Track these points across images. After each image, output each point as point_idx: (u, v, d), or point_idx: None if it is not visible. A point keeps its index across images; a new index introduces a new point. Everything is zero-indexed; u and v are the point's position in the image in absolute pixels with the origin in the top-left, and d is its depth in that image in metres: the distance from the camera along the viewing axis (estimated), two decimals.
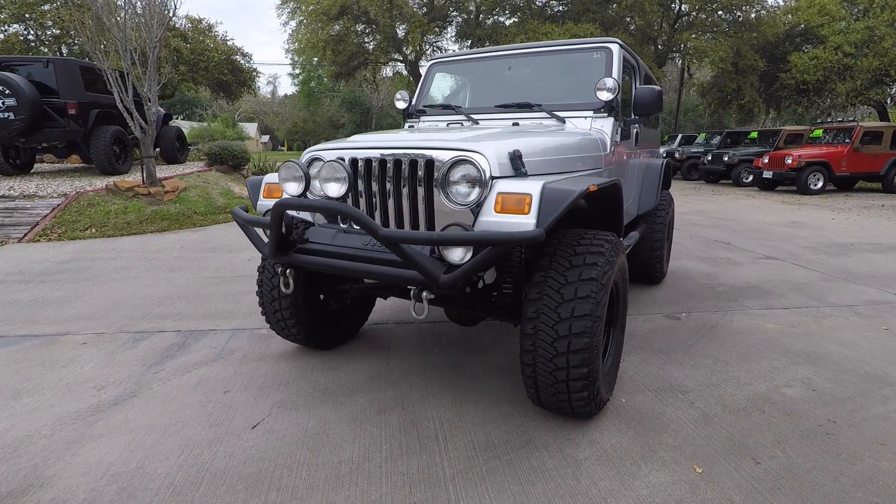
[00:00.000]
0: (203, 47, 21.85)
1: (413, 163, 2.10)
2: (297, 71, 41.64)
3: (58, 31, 18.59)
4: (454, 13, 21.52)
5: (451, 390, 2.57)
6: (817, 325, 3.46)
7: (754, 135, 15.74)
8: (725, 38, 19.62)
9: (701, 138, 18.41)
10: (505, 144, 2.06)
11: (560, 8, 20.76)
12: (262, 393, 2.57)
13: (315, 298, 2.87)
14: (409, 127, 3.52)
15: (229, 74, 22.66)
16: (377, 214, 2.22)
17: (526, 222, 1.83)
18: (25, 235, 6.24)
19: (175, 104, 49.14)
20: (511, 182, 1.93)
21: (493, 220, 1.90)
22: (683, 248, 6.09)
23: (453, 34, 21.49)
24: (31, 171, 9.26)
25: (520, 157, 2.02)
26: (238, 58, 23.50)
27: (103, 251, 5.79)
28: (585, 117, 2.99)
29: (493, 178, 1.96)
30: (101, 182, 7.93)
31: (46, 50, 19.05)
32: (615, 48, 3.11)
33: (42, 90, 7.76)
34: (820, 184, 12.29)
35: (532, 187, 1.86)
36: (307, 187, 2.21)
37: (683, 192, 13.38)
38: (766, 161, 12.90)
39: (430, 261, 1.91)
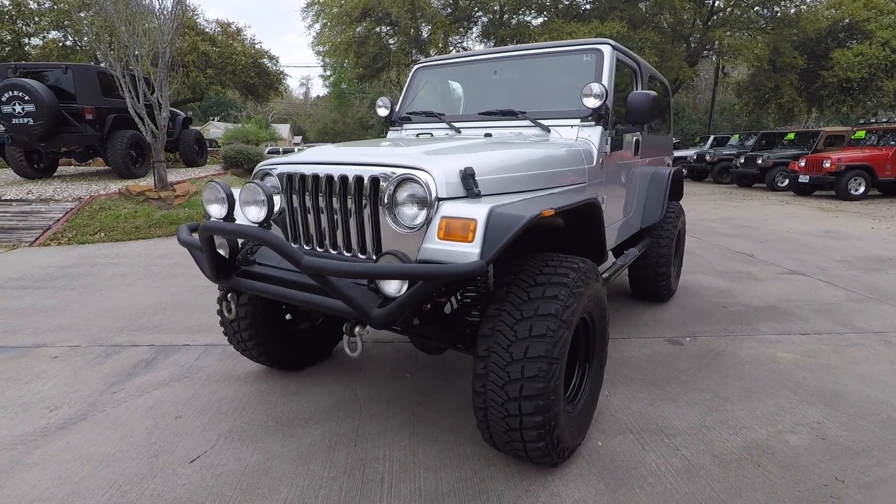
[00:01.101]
0: (231, 51, 22.26)
1: (358, 180, 1.91)
2: (328, 73, 42.14)
3: (92, 37, 19.26)
4: (479, 13, 21.25)
5: (412, 424, 2.37)
6: (838, 356, 3.11)
7: (791, 136, 14.92)
8: (762, 35, 18.71)
9: (734, 139, 17.60)
10: (457, 161, 1.85)
11: (587, 6, 20.22)
12: (213, 420, 2.43)
13: (278, 318, 2.71)
14: (388, 136, 3.34)
15: (256, 77, 23.02)
16: (323, 237, 2.05)
17: (469, 252, 1.62)
18: (37, 239, 6.35)
19: (211, 106, 50.51)
20: (459, 204, 1.72)
21: (435, 247, 1.69)
22: (701, 260, 5.71)
23: (478, 34, 21.23)
24: (54, 174, 9.52)
25: (472, 175, 1.80)
26: (265, 61, 23.86)
27: (106, 256, 5.83)
28: (572, 126, 2.74)
29: (439, 199, 1.75)
30: (115, 186, 8.06)
31: (79, 56, 19.72)
32: (606, 50, 2.85)
33: (61, 96, 7.94)
34: (861, 189, 11.51)
35: (478, 211, 1.64)
36: (231, 208, 2.04)
37: (713, 196, 12.77)
38: (803, 164, 12.17)
39: (363, 293, 1.71)
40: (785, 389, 2.69)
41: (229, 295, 2.13)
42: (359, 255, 1.99)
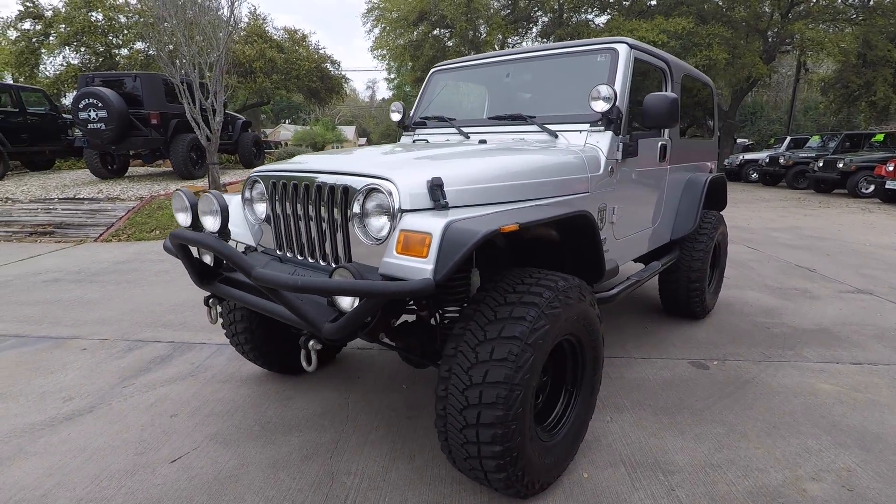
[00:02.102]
0: (296, 56, 23.23)
1: (331, 189, 1.88)
2: (392, 76, 43.09)
3: (171, 48, 20.75)
4: (538, 13, 20.87)
5: (393, 439, 2.30)
6: (891, 392, 2.72)
7: (880, 137, 13.48)
8: (851, 27, 17.05)
9: (814, 141, 16.16)
10: (426, 171, 1.76)
11: (653, 2, 19.29)
12: (204, 421, 2.48)
13: (275, 322, 2.73)
14: (400, 141, 3.30)
15: (318, 81, 23.88)
16: (303, 245, 2.04)
17: (422, 268, 1.52)
18: (101, 235, 6.87)
19: (283, 109, 53.11)
20: (419, 217, 1.63)
21: (392, 261, 1.61)
22: (752, 273, 5.24)
23: (536, 34, 20.84)
24: (125, 175, 10.31)
25: (440, 186, 1.71)
26: (328, 65, 24.70)
27: (156, 253, 6.20)
28: (580, 131, 2.57)
29: (402, 210, 1.67)
30: (175, 186, 8.59)
31: (156, 65, 21.28)
32: (622, 49, 2.64)
33: (131, 102, 8.58)
34: None
35: (435, 225, 1.54)
36: (196, 217, 2.06)
37: (783, 203, 11.78)
38: (891, 168, 10.95)
39: (315, 307, 1.67)
40: (817, 427, 2.38)
41: (211, 300, 2.16)
42: (332, 265, 1.95)
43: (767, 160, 16.11)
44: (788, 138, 17.48)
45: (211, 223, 1.98)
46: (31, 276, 5.19)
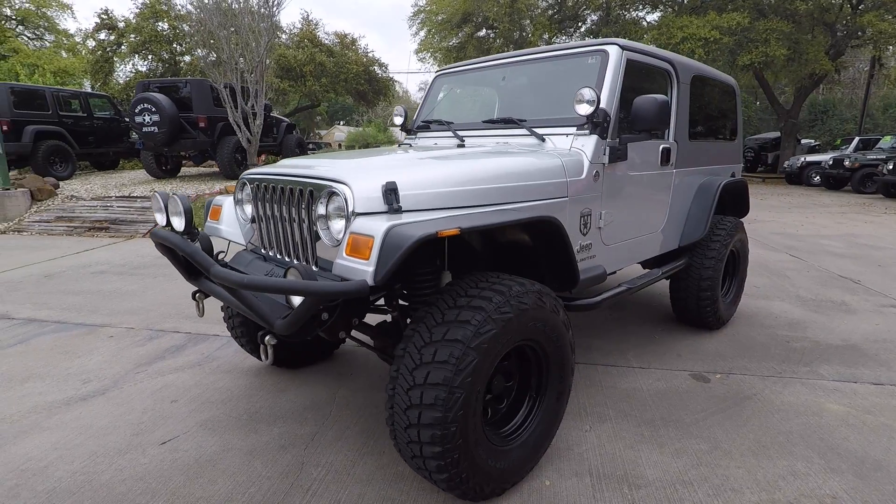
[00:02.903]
0: (345, 60, 23.89)
1: (300, 192, 1.97)
2: None
3: (214, 57, 21.88)
4: (587, 11, 20.45)
5: (367, 436, 2.37)
6: None
7: None
8: None
9: (885, 142, 14.92)
10: (381, 176, 1.81)
11: None
12: (200, 407, 2.64)
13: None
14: (402, 145, 3.36)
15: (366, 84, 24.44)
16: (279, 244, 2.15)
17: (364, 269, 1.58)
18: (148, 232, 7.36)
19: (337, 111, 54.78)
20: (368, 220, 1.69)
21: (342, 262, 1.68)
22: (787, 283, 4.94)
23: (583, 32, 20.41)
24: (178, 175, 10.99)
25: (394, 190, 1.76)
26: (375, 68, 25.24)
27: None
28: (567, 135, 2.54)
29: (355, 213, 1.73)
30: (220, 185, 9.08)
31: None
32: (612, 51, 2.59)
33: (182, 107, 9.14)
34: None
35: (378, 228, 1.59)
36: (168, 219, 2.20)
37: (843, 208, 10.96)
38: None
39: (270, 304, 1.76)
40: (811, 450, 2.24)
41: (198, 295, 2.30)
42: (304, 264, 2.04)
43: (831, 162, 15.03)
44: (857, 139, 16.25)
45: (178, 223, 2.12)
46: (82, 267, 5.65)
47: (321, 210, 1.84)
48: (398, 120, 3.43)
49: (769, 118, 28.45)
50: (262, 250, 2.33)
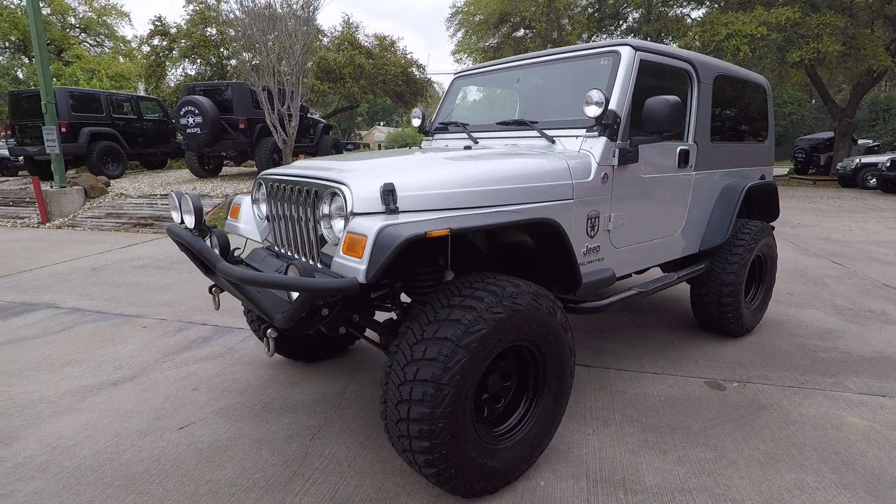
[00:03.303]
0: (384, 62, 24.25)
1: (307, 192, 2.06)
2: None
3: (255, 60, 22.61)
4: (627, 9, 20.01)
5: (371, 429, 2.43)
6: None
7: None
8: None
9: None
10: (380, 177, 1.86)
11: None
12: (218, 396, 2.78)
13: None
14: (417, 147, 3.42)
15: (403, 85, 24.72)
16: (290, 242, 2.24)
17: (357, 268, 1.64)
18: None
19: (377, 112, 55.69)
20: (364, 220, 1.75)
21: (339, 260, 1.74)
22: (824, 291, 4.71)
23: (623, 31, 19.97)
24: (219, 174, 11.46)
25: (391, 191, 1.81)
26: (413, 69, 25.50)
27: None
28: (577, 137, 2.53)
29: (353, 213, 1.80)
30: None
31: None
32: (625, 52, 2.56)
33: (223, 109, 9.53)
34: None
35: (371, 228, 1.65)
36: (182, 217, 2.32)
37: None
38: None
39: (272, 299, 1.84)
40: (824, 464, 2.15)
41: (214, 289, 2.43)
42: (310, 262, 2.12)
43: (888, 164, 14.14)
44: None
45: (189, 220, 2.24)
46: (126, 261, 5.99)
47: (325, 210, 1.92)
48: (416, 122, 3.49)
49: (825, 117, 27.05)
50: (276, 248, 2.43)
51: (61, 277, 5.26)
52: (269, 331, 1.89)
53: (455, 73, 3.59)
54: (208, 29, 22.99)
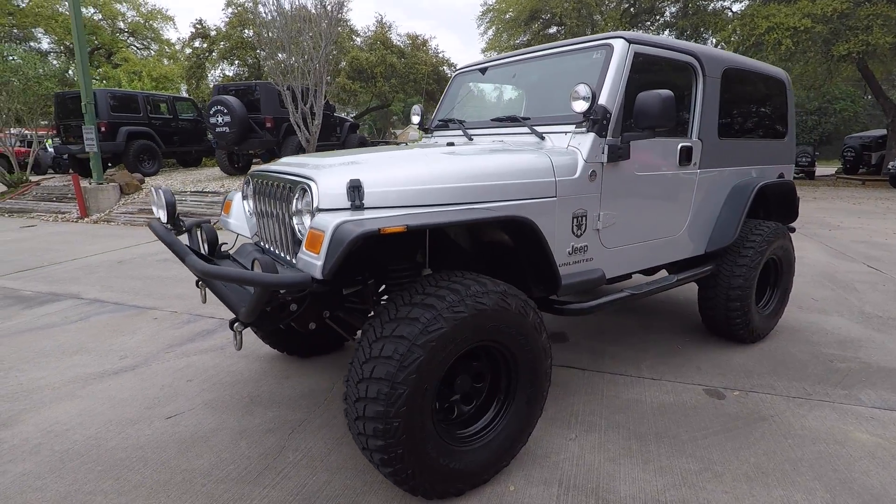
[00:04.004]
0: (415, 61, 24.38)
1: (283, 188, 2.07)
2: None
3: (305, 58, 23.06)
4: (663, 4, 19.43)
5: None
6: None
7: None
8: None
9: None
10: (347, 173, 1.85)
11: None
12: (210, 387, 2.84)
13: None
14: (412, 143, 3.40)
15: (434, 84, 24.77)
16: (271, 237, 2.27)
17: (315, 263, 1.64)
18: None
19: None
20: (329, 216, 1.74)
21: (302, 256, 1.75)
22: (854, 297, 4.43)
23: (658, 27, 19.39)
24: (248, 171, 11.76)
25: (357, 188, 1.80)
26: (444, 68, 25.53)
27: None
28: (566, 133, 2.46)
29: (318, 209, 1.80)
30: None
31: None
32: (617, 45, 2.46)
33: (251, 108, 9.78)
34: None
35: (329, 224, 1.65)
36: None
37: None
38: None
39: (238, 293, 1.86)
40: (818, 481, 2.02)
41: (199, 283, 2.48)
42: (287, 256, 2.14)
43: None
44: None
45: (162, 215, 2.29)
46: (149, 255, 6.23)
47: (296, 205, 1.93)
48: (415, 119, 3.48)
49: (880, 114, 25.55)
50: (262, 243, 2.46)
51: (89, 270, 5.51)
52: (236, 325, 1.91)
53: (457, 70, 3.55)
54: (246, 31, 23.65)
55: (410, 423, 1.67)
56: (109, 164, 11.00)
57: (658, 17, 20.16)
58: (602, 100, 2.37)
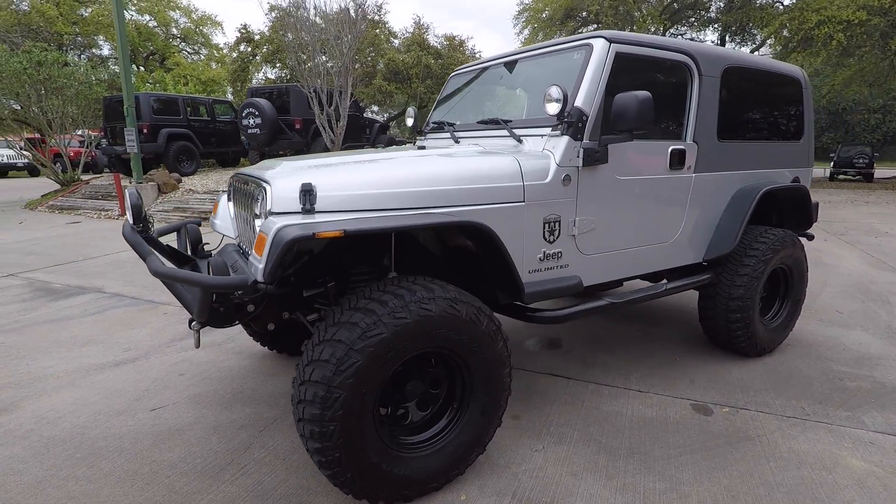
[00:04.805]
0: (451, 61, 24.42)
1: (247, 191, 2.13)
2: None
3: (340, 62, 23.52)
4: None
5: None
6: None
7: None
8: None
9: None
10: (301, 177, 1.87)
11: None
12: (198, 382, 2.94)
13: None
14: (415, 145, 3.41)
15: None
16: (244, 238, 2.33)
17: (258, 266, 1.67)
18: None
19: None
20: (278, 219, 1.77)
21: (251, 259, 1.79)
22: (884, 310, 4.12)
23: (703, 21, 18.65)
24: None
25: (309, 192, 1.82)
26: None
27: None
28: (542, 136, 2.40)
29: (270, 212, 1.83)
30: None
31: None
32: (598, 44, 2.38)
33: (282, 110, 10.07)
34: None
35: (271, 227, 1.67)
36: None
37: None
38: None
39: (193, 293, 1.91)
40: None
41: (192, 325, 2.56)
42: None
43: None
44: None
45: (129, 217, 2.38)
46: None
47: (256, 208, 1.97)
48: (409, 121, 3.48)
49: None
50: (241, 244, 2.53)
51: (117, 265, 5.81)
52: (193, 323, 1.97)
53: (454, 71, 3.54)
54: (287, 34, 24.37)
55: (348, 428, 1.68)
56: (152, 165, 11.57)
57: (703, 13, 19.42)
58: (578, 101, 2.30)
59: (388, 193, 1.94)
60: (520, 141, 2.48)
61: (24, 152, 11.70)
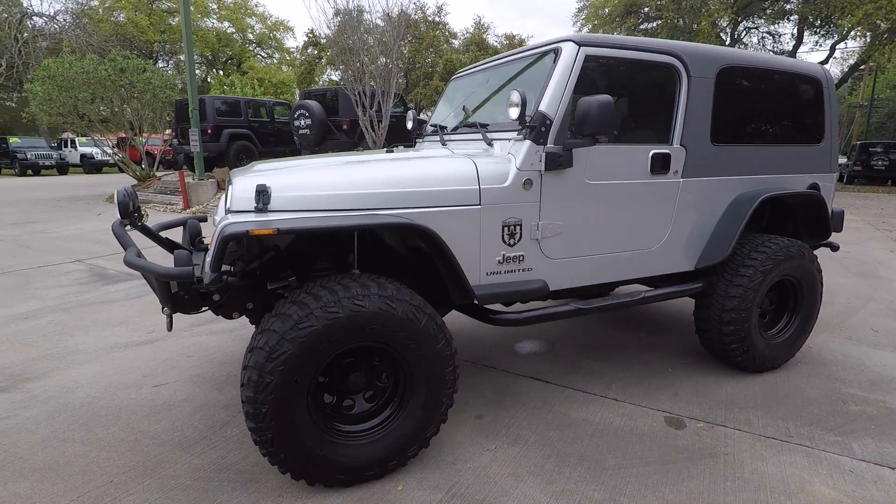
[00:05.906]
0: None
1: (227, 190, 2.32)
2: None
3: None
4: None
5: None
6: None
7: None
8: None
9: None
10: (264, 178, 2.03)
11: None
12: (201, 364, 3.21)
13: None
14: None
15: None
16: None
17: (207, 261, 1.85)
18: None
19: None
20: (233, 217, 1.93)
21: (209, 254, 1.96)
22: None
23: (775, 13, 17.32)
24: None
25: (263, 192, 1.97)
26: None
27: None
28: (509, 140, 2.43)
29: (229, 210, 2.00)
30: None
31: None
32: (566, 48, 2.37)
33: (330, 112, 10.51)
34: None
35: (221, 224, 1.84)
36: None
37: None
38: None
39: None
40: None
41: (164, 310, 2.79)
42: None
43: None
44: None
45: (117, 212, 2.63)
46: None
47: (226, 206, 2.15)
48: (409, 125, 3.59)
49: None
50: None
51: (165, 255, 6.34)
52: (164, 309, 2.18)
53: (454, 75, 3.60)
54: (351, 38, 25.27)
55: (279, 411, 1.81)
56: (216, 164, 12.46)
57: (780, 3, 18.07)
58: (543, 106, 2.31)
59: (341, 195, 2.06)
60: (490, 144, 2.52)
61: (107, 150, 12.92)
